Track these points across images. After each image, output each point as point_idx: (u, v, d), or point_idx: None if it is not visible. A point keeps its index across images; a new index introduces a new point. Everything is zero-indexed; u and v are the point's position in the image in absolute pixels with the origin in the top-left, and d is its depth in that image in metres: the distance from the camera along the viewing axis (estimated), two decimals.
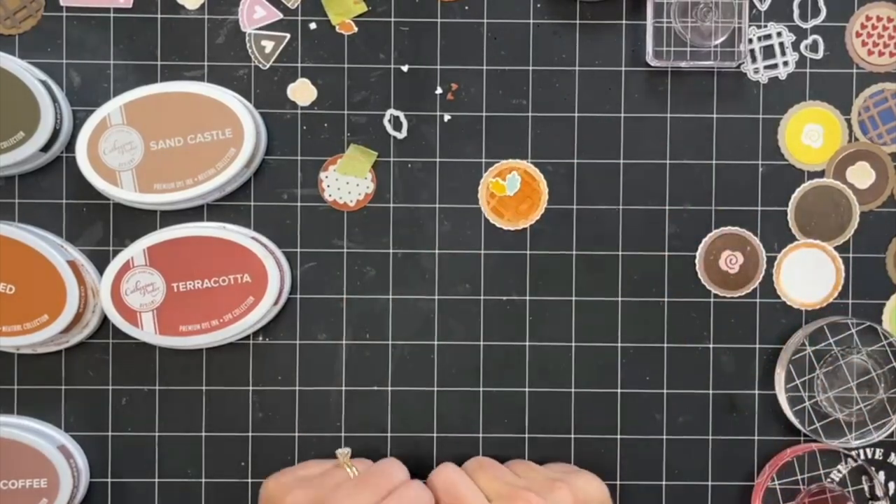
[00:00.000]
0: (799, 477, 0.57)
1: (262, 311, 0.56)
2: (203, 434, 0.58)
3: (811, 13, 0.59)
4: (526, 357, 0.59)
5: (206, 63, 0.58)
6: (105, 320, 0.58)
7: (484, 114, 0.59)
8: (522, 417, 0.59)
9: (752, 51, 0.59)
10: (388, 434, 0.59)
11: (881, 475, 0.58)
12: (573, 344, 0.59)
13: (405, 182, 0.59)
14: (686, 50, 0.57)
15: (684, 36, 0.57)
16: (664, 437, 0.59)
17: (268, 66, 0.58)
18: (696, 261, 0.59)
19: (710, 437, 0.59)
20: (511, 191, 0.59)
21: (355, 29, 0.58)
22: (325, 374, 0.59)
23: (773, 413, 0.59)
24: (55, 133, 0.56)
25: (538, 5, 0.58)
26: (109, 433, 0.58)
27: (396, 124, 0.59)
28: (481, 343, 0.59)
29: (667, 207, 0.59)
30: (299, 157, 0.59)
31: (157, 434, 0.58)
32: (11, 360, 0.58)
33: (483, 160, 0.59)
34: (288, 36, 0.58)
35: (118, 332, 0.57)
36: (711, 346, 0.59)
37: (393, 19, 0.58)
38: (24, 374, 0.58)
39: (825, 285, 0.58)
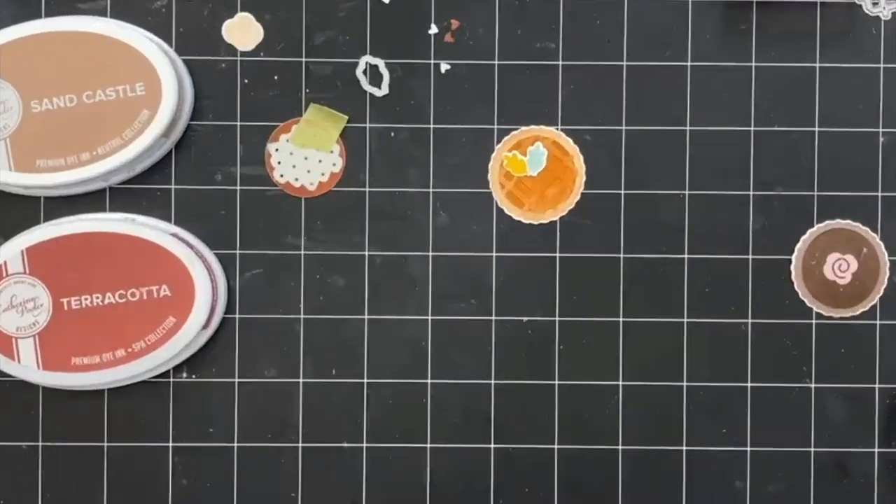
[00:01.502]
0: None
1: (188, 337, 0.53)
2: None
3: None
4: (555, 401, 0.55)
5: None
6: None
7: (496, 62, 0.55)
8: (551, 485, 0.54)
9: None
10: None
11: None
12: (620, 383, 0.55)
13: (386, 157, 0.55)
14: None
15: None
16: None
17: None
18: (792, 267, 0.55)
19: None
20: (534, 169, 0.55)
21: None
22: (275, 426, 0.55)
23: None
24: None
25: None
26: None
27: (374, 76, 0.55)
28: (492, 382, 0.55)
29: (750, 193, 0.55)
30: (238, 123, 0.55)
31: None
32: None
33: (495, 127, 0.55)
34: None
35: None
36: (813, 385, 0.55)
37: None
38: None
39: None
